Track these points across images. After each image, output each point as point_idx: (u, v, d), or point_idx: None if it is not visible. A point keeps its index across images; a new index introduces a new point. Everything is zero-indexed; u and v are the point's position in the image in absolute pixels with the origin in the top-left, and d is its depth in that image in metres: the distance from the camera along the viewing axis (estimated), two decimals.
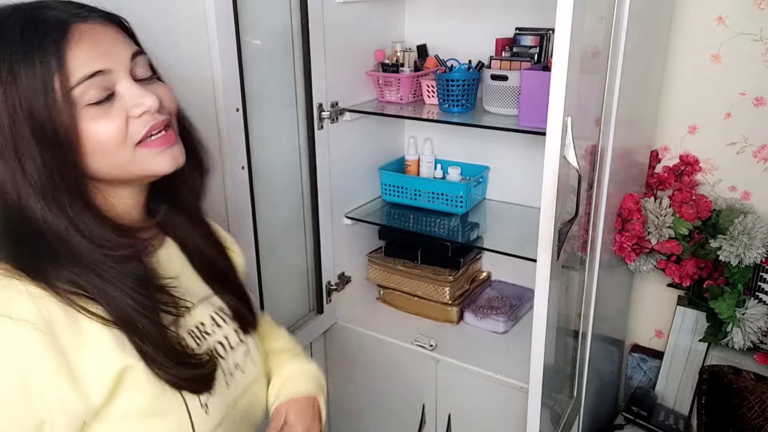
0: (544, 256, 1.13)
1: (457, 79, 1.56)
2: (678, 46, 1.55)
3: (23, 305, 0.61)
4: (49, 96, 0.61)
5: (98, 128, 0.64)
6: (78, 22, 0.64)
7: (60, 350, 0.61)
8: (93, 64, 0.63)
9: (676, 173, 1.59)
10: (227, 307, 0.86)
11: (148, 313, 0.68)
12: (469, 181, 1.77)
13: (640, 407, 1.66)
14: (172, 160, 0.71)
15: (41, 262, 0.64)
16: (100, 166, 0.67)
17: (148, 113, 0.67)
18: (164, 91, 0.72)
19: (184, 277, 0.81)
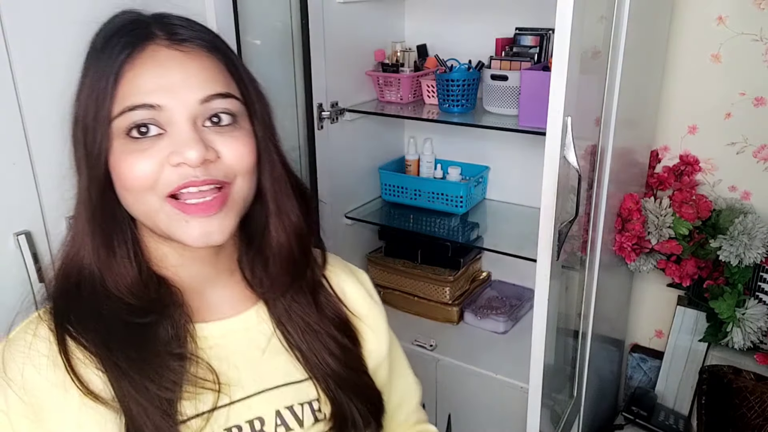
0: (544, 256, 1.13)
1: (457, 79, 1.56)
2: (678, 46, 1.55)
3: (14, 365, 0.58)
4: (99, 114, 0.56)
5: (128, 164, 0.56)
6: (159, 42, 0.57)
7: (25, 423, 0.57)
8: (144, 96, 0.55)
9: (676, 173, 1.59)
10: (327, 403, 0.67)
11: (144, 398, 0.57)
12: (469, 181, 1.77)
13: (640, 407, 1.66)
14: (201, 236, 0.57)
15: (65, 305, 0.60)
16: (130, 207, 0.59)
17: (185, 165, 0.56)
18: (235, 149, 0.58)
19: (245, 357, 0.66)
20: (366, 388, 0.70)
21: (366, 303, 0.75)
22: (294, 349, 0.67)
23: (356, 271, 0.79)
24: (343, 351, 0.69)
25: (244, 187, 0.60)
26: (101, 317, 0.59)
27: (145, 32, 0.58)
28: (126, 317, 0.59)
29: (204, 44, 0.59)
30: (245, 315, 0.68)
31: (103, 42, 0.58)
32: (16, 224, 0.99)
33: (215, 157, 0.57)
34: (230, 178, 0.59)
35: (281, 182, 0.65)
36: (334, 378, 0.67)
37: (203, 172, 0.56)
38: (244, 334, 0.67)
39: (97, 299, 0.59)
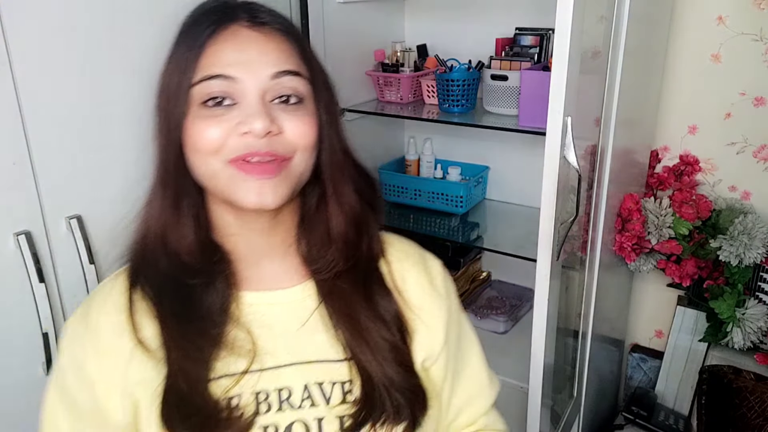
0: (544, 256, 1.13)
1: (457, 79, 1.56)
2: (678, 46, 1.55)
3: (93, 308, 0.68)
4: (181, 82, 0.62)
5: (199, 129, 0.61)
6: (241, 23, 0.63)
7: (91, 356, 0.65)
8: (222, 68, 0.60)
9: (676, 173, 1.59)
10: (358, 386, 0.67)
11: (182, 352, 0.63)
12: (469, 181, 1.77)
13: (640, 407, 1.66)
14: (257, 196, 0.61)
15: (139, 264, 0.67)
16: (196, 170, 0.64)
17: (251, 135, 0.60)
18: (297, 126, 0.62)
19: (286, 329, 0.68)
20: (404, 381, 0.68)
21: (425, 294, 0.74)
22: (335, 329, 0.69)
23: (427, 259, 0.78)
24: (385, 341, 0.68)
25: (302, 163, 0.64)
26: (159, 273, 0.66)
27: (231, 14, 0.63)
28: (178, 275, 0.65)
29: (281, 28, 0.65)
30: (293, 289, 0.70)
31: (192, 21, 0.65)
32: (16, 224, 0.99)
33: (278, 131, 0.61)
34: (290, 152, 0.63)
35: (340, 167, 0.68)
36: (371, 365, 0.67)
37: (266, 144, 0.60)
38: (288, 307, 0.69)
39: (158, 256, 0.66)
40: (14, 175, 0.98)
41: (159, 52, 1.19)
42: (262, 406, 0.65)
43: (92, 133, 1.08)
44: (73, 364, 0.66)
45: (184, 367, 0.63)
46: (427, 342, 0.72)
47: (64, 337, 0.68)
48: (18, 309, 1.01)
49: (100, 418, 0.65)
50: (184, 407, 0.62)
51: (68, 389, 0.67)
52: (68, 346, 0.68)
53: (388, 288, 0.72)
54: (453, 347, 0.75)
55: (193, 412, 0.62)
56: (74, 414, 0.67)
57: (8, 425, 1.04)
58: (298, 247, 0.71)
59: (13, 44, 0.94)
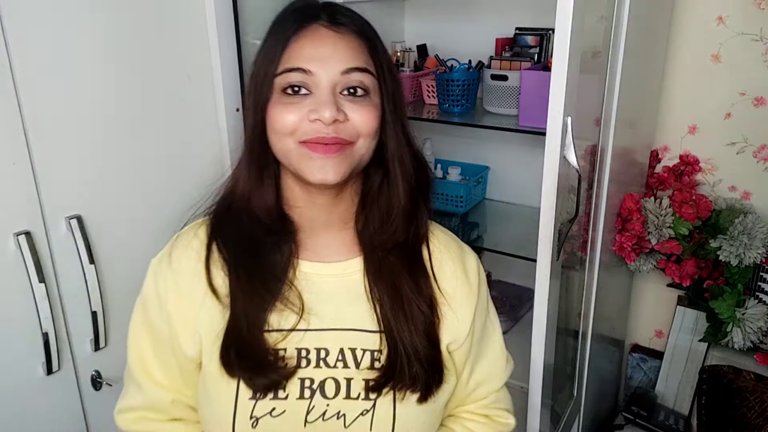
0: (544, 256, 1.13)
1: (457, 79, 1.56)
2: (678, 46, 1.55)
3: (176, 251, 0.79)
4: (268, 72, 0.71)
5: (278, 115, 0.71)
6: (322, 23, 0.72)
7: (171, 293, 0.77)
8: (301, 62, 0.70)
9: (676, 173, 1.59)
10: (385, 356, 0.75)
11: (247, 297, 0.73)
12: (469, 181, 1.77)
13: (640, 407, 1.66)
14: (319, 172, 0.70)
15: (222, 219, 0.78)
16: (274, 148, 0.73)
17: (320, 122, 0.69)
18: (361, 115, 0.71)
19: (332, 298, 0.77)
20: (428, 356, 0.76)
21: (459, 285, 0.81)
22: (375, 302, 0.77)
23: (465, 252, 0.86)
24: (421, 313, 0.77)
25: (363, 147, 0.72)
26: (239, 230, 0.76)
27: (313, 14, 0.72)
28: (256, 233, 0.75)
29: (355, 29, 0.73)
30: (344, 263, 0.79)
31: (281, 19, 0.74)
32: (16, 224, 0.99)
33: (344, 119, 0.70)
34: (354, 138, 0.71)
35: (402, 155, 0.76)
36: (403, 334, 0.75)
37: (332, 130, 0.69)
38: (336, 279, 0.78)
39: (241, 216, 0.76)
40: (14, 175, 0.98)
41: (159, 52, 1.19)
42: (302, 361, 0.74)
43: (92, 133, 1.08)
44: (156, 296, 0.77)
45: (245, 313, 0.73)
46: (454, 328, 0.80)
47: (149, 272, 0.80)
48: (18, 309, 1.01)
49: (175, 345, 0.76)
50: (241, 349, 0.72)
51: (150, 316, 0.79)
52: (153, 280, 0.79)
53: (427, 272, 0.80)
54: (477, 334, 0.83)
55: (247, 354, 0.72)
56: (154, 336, 0.79)
57: (8, 425, 1.04)
58: (354, 224, 0.79)
59: (13, 44, 0.94)
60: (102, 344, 1.13)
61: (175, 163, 1.23)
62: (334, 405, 0.74)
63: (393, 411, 0.75)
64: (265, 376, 0.72)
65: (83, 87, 1.05)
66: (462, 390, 0.85)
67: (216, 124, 1.29)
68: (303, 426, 0.73)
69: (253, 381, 0.72)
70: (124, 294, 1.17)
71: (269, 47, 0.72)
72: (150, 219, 1.19)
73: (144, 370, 0.81)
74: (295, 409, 0.73)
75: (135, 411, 0.83)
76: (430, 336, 0.77)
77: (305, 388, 0.74)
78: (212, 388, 0.75)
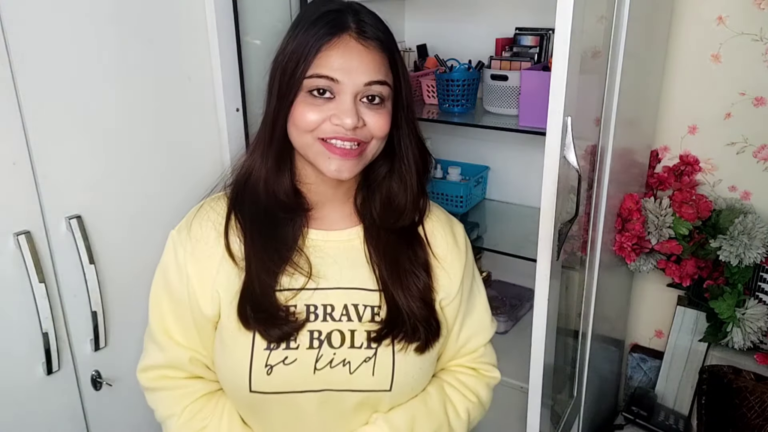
0: (544, 256, 1.13)
1: (457, 79, 1.56)
2: (678, 46, 1.55)
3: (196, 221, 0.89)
4: (297, 71, 0.79)
5: (303, 111, 0.79)
6: (351, 34, 0.80)
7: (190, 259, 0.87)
8: (329, 70, 0.78)
9: (676, 173, 1.59)
10: (384, 311, 0.86)
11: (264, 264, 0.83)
12: (469, 181, 1.77)
13: (640, 407, 1.66)
14: (335, 171, 0.80)
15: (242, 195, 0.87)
16: (294, 139, 0.83)
17: (341, 127, 0.78)
18: (377, 120, 0.81)
19: (336, 261, 0.87)
20: (423, 314, 0.87)
21: (449, 249, 0.93)
22: (374, 265, 0.88)
23: (453, 223, 0.98)
24: (416, 278, 0.88)
25: (375, 147, 0.84)
26: (256, 204, 0.86)
27: (343, 23, 0.80)
28: (272, 208, 0.85)
29: (380, 44, 0.81)
30: (346, 231, 0.90)
31: (313, 20, 0.81)
32: (16, 224, 0.99)
33: (362, 125, 0.80)
34: (368, 139, 0.82)
35: (410, 151, 0.88)
36: (399, 298, 0.86)
37: (351, 133, 0.79)
38: (340, 244, 0.89)
39: (259, 193, 0.86)
40: (14, 175, 0.98)
41: (159, 53, 1.19)
42: (311, 315, 0.84)
43: (93, 133, 1.08)
44: (175, 261, 0.87)
45: (259, 275, 0.83)
46: (446, 285, 0.91)
47: (169, 242, 0.89)
48: (18, 309, 1.01)
49: (194, 306, 0.86)
50: (256, 305, 0.82)
51: (170, 281, 0.88)
52: (172, 248, 0.88)
53: (423, 240, 0.92)
54: (466, 293, 0.95)
55: (262, 310, 0.82)
56: (174, 300, 0.88)
57: (8, 425, 1.04)
58: (355, 199, 0.91)
59: (13, 44, 0.94)
60: (102, 344, 1.13)
61: (175, 162, 1.23)
62: (340, 354, 0.84)
63: (392, 359, 0.85)
64: (278, 328, 0.82)
65: (83, 87, 1.05)
66: (454, 344, 0.95)
67: (216, 124, 1.29)
68: (312, 373, 0.83)
69: (267, 332, 0.82)
70: (124, 294, 1.17)
71: (300, 46, 0.79)
72: (150, 219, 1.19)
73: (164, 331, 0.89)
74: (306, 358, 0.83)
75: (156, 369, 0.91)
76: (425, 299, 0.88)
77: (314, 339, 0.83)
78: (230, 341, 0.84)
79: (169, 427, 0.91)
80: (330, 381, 0.83)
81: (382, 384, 0.85)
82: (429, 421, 0.90)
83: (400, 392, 0.87)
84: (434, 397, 0.92)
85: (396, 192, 0.89)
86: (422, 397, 0.91)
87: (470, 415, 0.95)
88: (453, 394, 0.95)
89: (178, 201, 1.22)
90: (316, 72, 0.78)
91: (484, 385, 0.99)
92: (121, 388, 1.19)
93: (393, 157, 0.88)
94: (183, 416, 0.89)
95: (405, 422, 0.88)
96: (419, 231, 0.92)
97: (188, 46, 1.21)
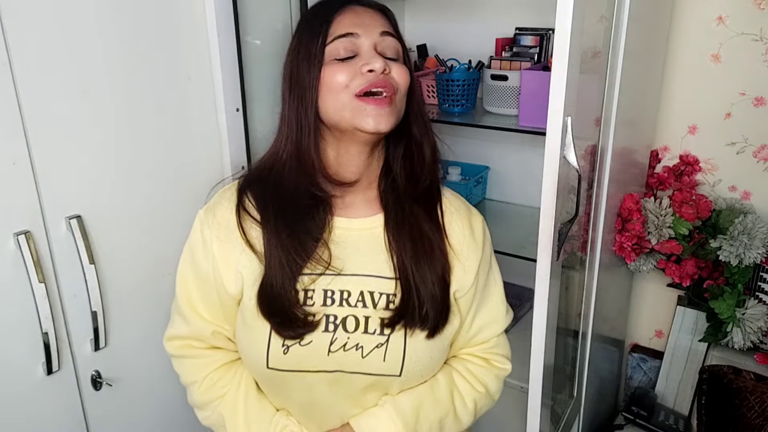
0: (544, 256, 1.13)
1: (457, 79, 1.56)
2: (678, 46, 1.55)
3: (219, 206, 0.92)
4: (316, 46, 0.83)
5: (333, 74, 0.83)
6: (354, 4, 0.86)
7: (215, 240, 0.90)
8: (347, 28, 0.83)
9: (676, 173, 1.59)
10: (398, 298, 0.89)
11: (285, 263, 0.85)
12: (469, 181, 1.77)
13: (640, 407, 1.66)
14: (374, 121, 0.82)
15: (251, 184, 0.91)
16: (327, 108, 0.84)
17: (373, 72, 0.82)
18: (400, 71, 0.85)
19: (357, 249, 0.90)
20: (439, 297, 0.89)
21: (465, 241, 0.95)
22: (393, 253, 0.90)
23: (473, 214, 1.00)
24: (438, 262, 0.91)
25: (400, 101, 0.86)
26: (283, 192, 0.88)
27: (346, 1, 0.86)
28: (300, 196, 0.87)
29: (384, 13, 0.88)
30: (367, 219, 0.92)
31: (318, 7, 0.87)
32: (16, 224, 0.99)
33: (389, 71, 0.84)
34: (395, 89, 0.84)
35: (423, 119, 0.92)
36: (417, 279, 0.88)
37: (383, 78, 0.82)
38: (361, 232, 0.91)
39: (283, 182, 0.88)
40: (14, 175, 0.98)
41: (159, 53, 1.19)
42: (328, 300, 0.88)
43: (93, 133, 1.08)
44: (202, 241, 0.91)
45: (278, 274, 0.85)
46: (460, 278, 0.93)
47: (196, 222, 0.93)
48: (18, 309, 1.01)
49: (218, 284, 0.90)
50: (273, 305, 0.86)
51: (197, 259, 0.92)
52: (199, 228, 0.92)
53: (441, 228, 0.94)
54: (480, 284, 0.96)
55: (278, 312, 0.86)
56: (200, 276, 0.92)
57: (8, 425, 1.04)
58: (378, 186, 0.93)
59: (13, 44, 0.94)
60: (102, 344, 1.13)
61: (175, 162, 1.23)
62: (354, 338, 0.87)
63: (404, 345, 0.88)
64: (292, 330, 0.86)
65: (83, 87, 1.05)
66: (466, 333, 0.97)
67: (216, 124, 1.29)
68: (327, 355, 0.87)
69: (281, 332, 0.86)
70: (124, 294, 1.17)
71: (312, 28, 0.85)
72: (150, 219, 1.19)
73: (190, 305, 0.94)
74: (321, 340, 0.87)
75: (181, 339, 0.98)
76: (444, 278, 0.91)
77: (330, 323, 0.87)
78: (250, 321, 0.88)
79: (192, 392, 0.98)
80: (342, 363, 0.88)
81: (392, 369, 0.89)
82: (435, 408, 0.93)
83: (409, 378, 0.90)
84: (442, 384, 0.95)
85: (416, 160, 0.92)
86: (431, 384, 0.94)
87: (477, 405, 0.98)
88: (461, 383, 0.98)
89: (178, 201, 1.22)
90: (336, 34, 0.83)
91: (493, 377, 1.00)
92: (121, 388, 1.19)
93: (409, 129, 0.91)
94: (204, 384, 0.96)
95: (411, 408, 0.92)
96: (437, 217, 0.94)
97: (188, 46, 1.21)
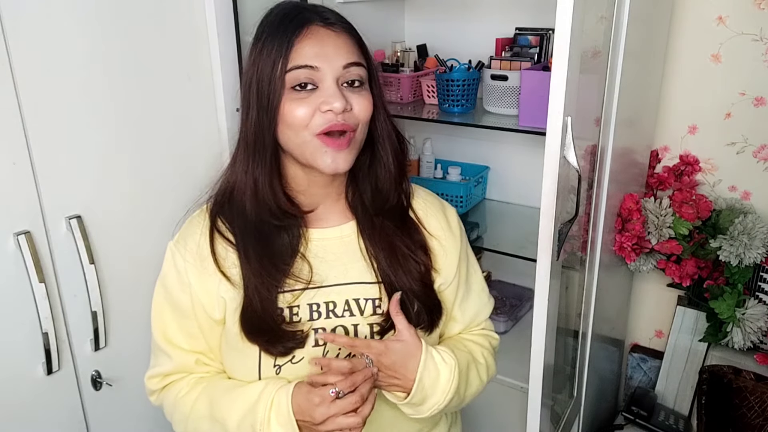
0: (544, 256, 1.13)
1: (457, 79, 1.56)
2: (678, 46, 1.55)
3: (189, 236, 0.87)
4: (274, 71, 0.78)
5: (293, 108, 0.78)
6: (317, 23, 0.80)
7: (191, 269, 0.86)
8: (307, 59, 0.78)
9: (676, 173, 1.59)
10: (385, 303, 0.87)
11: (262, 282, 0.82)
12: (469, 181, 1.77)
13: (640, 407, 1.66)
14: (331, 165, 0.80)
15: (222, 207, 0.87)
16: (287, 141, 0.81)
17: (332, 113, 0.78)
18: (361, 104, 0.81)
19: (336, 257, 0.88)
20: (425, 296, 0.89)
21: (443, 231, 0.94)
22: (371, 258, 0.89)
23: (446, 208, 1.00)
24: (416, 263, 0.89)
25: (362, 133, 0.83)
26: (246, 218, 0.84)
27: (306, 17, 0.80)
28: (265, 220, 0.84)
29: (346, 28, 0.83)
30: (340, 227, 0.90)
31: (278, 22, 0.81)
32: (16, 224, 0.99)
33: (349, 108, 0.79)
34: (356, 125, 0.81)
35: (388, 134, 0.88)
36: (401, 283, 0.87)
37: (341, 119, 0.78)
38: (337, 240, 0.89)
39: (245, 209, 0.84)
40: (14, 175, 0.98)
41: (159, 53, 1.19)
42: (314, 314, 0.85)
43: (93, 133, 1.08)
44: (175, 271, 0.87)
45: (259, 292, 0.82)
46: (445, 266, 0.93)
47: (167, 253, 0.88)
48: (18, 309, 1.01)
49: (199, 311, 0.86)
50: (257, 325, 0.82)
51: (171, 291, 0.88)
52: (171, 259, 0.88)
53: (417, 224, 0.93)
54: (463, 276, 0.97)
55: (264, 331, 0.83)
56: (176, 308, 0.88)
57: (8, 425, 1.04)
58: (346, 195, 0.91)
59: (13, 44, 0.94)
60: (102, 344, 1.13)
61: (175, 163, 1.23)
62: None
63: None
64: (281, 345, 0.83)
65: (83, 87, 1.05)
66: (458, 326, 0.98)
67: (216, 124, 1.29)
68: (320, 369, 0.83)
69: (270, 350, 0.84)
70: (124, 294, 1.17)
71: (272, 49, 0.79)
72: (150, 219, 1.19)
73: (168, 341, 0.90)
74: (312, 355, 0.85)
75: (165, 377, 0.94)
76: (424, 281, 0.90)
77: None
78: (237, 344, 0.85)
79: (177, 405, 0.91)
80: None
81: None
82: (461, 354, 0.93)
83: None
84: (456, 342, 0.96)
85: (381, 176, 0.89)
86: (446, 342, 0.96)
87: (486, 361, 0.98)
88: (470, 345, 0.98)
89: (178, 201, 1.22)
90: (294, 64, 0.78)
91: (491, 348, 1.02)
92: (121, 388, 1.19)
93: (373, 146, 0.88)
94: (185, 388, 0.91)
95: (448, 350, 0.89)
96: (411, 215, 0.94)
97: (188, 46, 1.21)
